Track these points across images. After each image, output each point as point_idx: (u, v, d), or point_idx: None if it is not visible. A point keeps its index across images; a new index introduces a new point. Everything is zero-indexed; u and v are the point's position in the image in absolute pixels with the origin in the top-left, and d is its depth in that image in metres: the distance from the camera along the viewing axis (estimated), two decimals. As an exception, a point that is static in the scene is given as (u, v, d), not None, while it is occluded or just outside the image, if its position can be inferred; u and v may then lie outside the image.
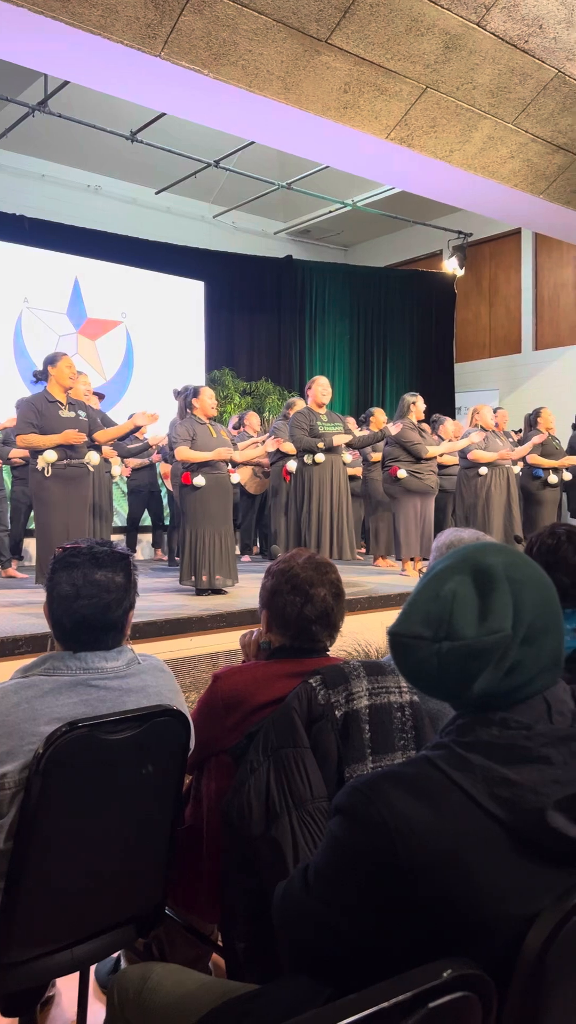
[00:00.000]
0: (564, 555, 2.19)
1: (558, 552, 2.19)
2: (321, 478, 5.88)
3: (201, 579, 5.36)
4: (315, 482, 5.87)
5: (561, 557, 2.19)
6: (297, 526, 5.93)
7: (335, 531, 5.91)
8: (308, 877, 1.01)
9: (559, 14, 5.97)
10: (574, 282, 11.61)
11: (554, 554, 2.19)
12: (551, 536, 2.21)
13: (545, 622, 0.97)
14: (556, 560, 2.20)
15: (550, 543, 2.20)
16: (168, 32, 5.20)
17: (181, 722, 1.62)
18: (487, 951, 0.89)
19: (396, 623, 0.99)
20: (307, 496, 5.86)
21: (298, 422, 5.92)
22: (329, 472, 5.90)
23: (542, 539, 2.22)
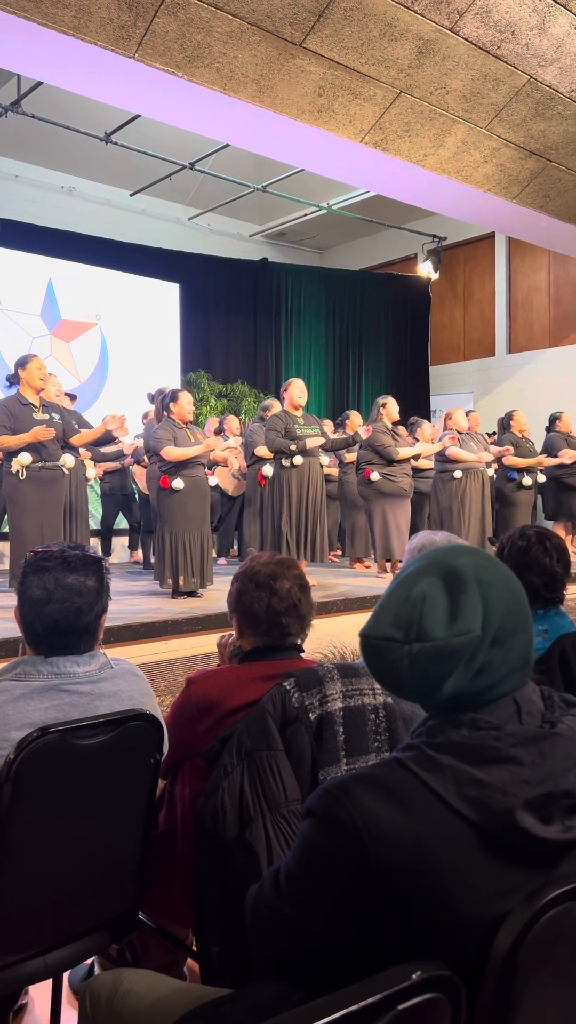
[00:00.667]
0: (535, 556, 2.21)
1: (529, 553, 2.21)
2: (299, 481, 5.89)
3: (178, 582, 5.35)
4: (292, 485, 5.87)
5: (532, 558, 2.22)
6: (275, 528, 5.93)
7: (310, 534, 5.91)
8: (279, 880, 1.01)
9: (531, 21, 6.03)
10: (547, 286, 11.72)
11: (525, 555, 2.21)
12: (521, 538, 2.23)
13: (514, 623, 0.97)
14: (527, 561, 2.22)
15: (521, 544, 2.22)
16: (142, 34, 5.19)
17: (154, 726, 1.61)
18: (458, 952, 0.89)
19: (367, 625, 1.00)
20: (285, 499, 5.86)
21: (273, 425, 5.92)
22: (306, 475, 5.91)
23: (513, 541, 2.24)
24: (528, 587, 2.25)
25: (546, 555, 2.23)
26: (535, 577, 2.24)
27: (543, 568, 2.23)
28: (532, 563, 2.23)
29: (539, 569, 2.23)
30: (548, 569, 2.24)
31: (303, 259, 13.56)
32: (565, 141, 7.31)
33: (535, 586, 2.25)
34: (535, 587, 2.26)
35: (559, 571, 2.26)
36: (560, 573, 2.27)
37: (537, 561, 2.23)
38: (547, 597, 2.29)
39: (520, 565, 2.23)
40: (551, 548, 2.24)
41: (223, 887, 1.60)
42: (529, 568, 2.23)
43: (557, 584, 2.29)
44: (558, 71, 6.56)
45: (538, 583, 2.25)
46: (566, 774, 0.93)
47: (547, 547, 2.24)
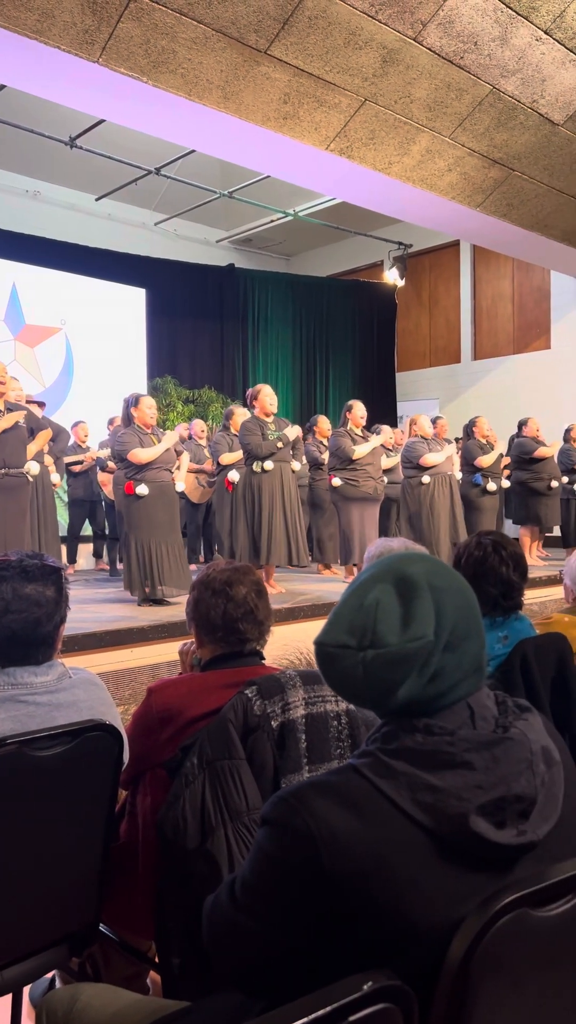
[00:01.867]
0: (492, 565, 2.23)
1: (486, 563, 2.23)
2: (272, 485, 5.88)
3: (144, 589, 5.31)
4: (265, 490, 5.86)
5: (489, 568, 2.24)
6: (250, 534, 5.91)
7: (291, 538, 5.91)
8: (235, 890, 1.00)
9: (493, 32, 6.11)
10: (511, 294, 11.86)
11: (482, 565, 2.23)
12: (478, 547, 2.25)
13: (466, 628, 0.98)
14: (484, 571, 2.24)
15: (478, 555, 2.23)
16: (106, 38, 5.16)
17: (114, 737, 1.59)
18: (414, 959, 0.89)
19: (322, 633, 1.00)
20: (258, 504, 5.85)
21: (250, 430, 5.90)
22: (279, 479, 5.91)
23: (469, 550, 2.26)
24: (486, 597, 2.28)
25: (503, 564, 2.25)
26: (492, 587, 2.26)
27: (500, 578, 2.25)
28: (489, 573, 2.25)
29: (496, 579, 2.25)
30: (505, 578, 2.26)
31: (270, 265, 13.58)
32: (527, 151, 7.41)
33: (493, 596, 2.27)
34: (493, 597, 2.27)
35: (516, 579, 2.28)
36: (517, 581, 2.29)
37: (494, 571, 2.25)
38: (505, 606, 2.31)
39: (477, 575, 2.25)
40: (507, 557, 2.26)
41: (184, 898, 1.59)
42: (486, 578, 2.25)
43: (514, 592, 2.31)
44: (520, 82, 6.65)
45: (495, 593, 2.27)
46: (518, 778, 0.93)
47: (503, 556, 2.26)
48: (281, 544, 5.87)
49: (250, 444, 5.87)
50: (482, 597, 2.27)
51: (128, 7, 5.05)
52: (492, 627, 2.31)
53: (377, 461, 6.67)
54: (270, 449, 5.82)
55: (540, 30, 6.22)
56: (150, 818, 1.75)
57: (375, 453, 6.61)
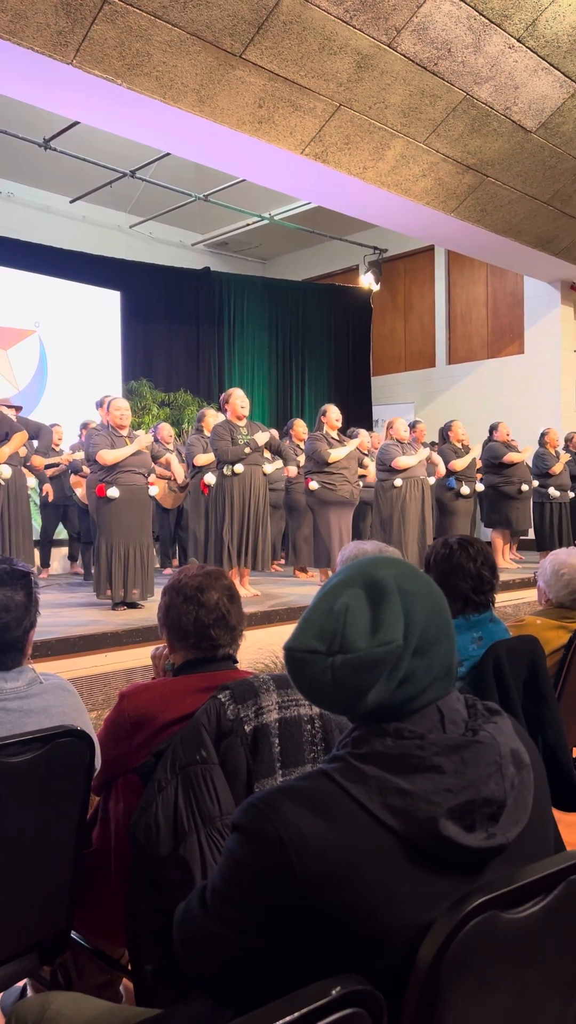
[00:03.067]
0: (459, 562, 2.26)
1: (453, 560, 2.25)
2: (242, 489, 5.87)
3: (117, 593, 5.28)
4: (235, 493, 5.85)
5: (457, 564, 2.26)
6: (218, 537, 5.90)
7: (252, 542, 5.90)
8: (206, 897, 1.00)
9: (466, 39, 6.16)
10: (485, 299, 11.95)
11: (450, 562, 2.25)
12: (444, 547, 2.27)
13: (436, 632, 0.98)
14: (452, 568, 2.26)
15: (444, 552, 2.26)
16: (80, 40, 5.14)
17: (85, 743, 1.58)
18: (385, 962, 0.89)
19: (291, 638, 1.00)
20: (227, 507, 5.84)
21: (220, 434, 5.90)
22: (248, 483, 5.90)
23: (436, 550, 2.29)
24: (458, 592, 2.30)
25: (470, 560, 2.27)
26: (462, 582, 2.28)
27: (469, 572, 2.27)
28: (458, 569, 2.27)
29: (465, 573, 2.27)
30: (474, 573, 2.28)
31: (246, 269, 13.59)
32: (500, 157, 7.48)
33: (464, 591, 2.29)
34: (464, 592, 2.29)
35: (486, 574, 2.30)
36: (487, 576, 2.31)
37: (462, 567, 2.27)
38: (477, 601, 2.32)
39: (447, 572, 2.27)
40: (474, 553, 2.28)
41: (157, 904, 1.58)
42: (455, 574, 2.27)
43: (485, 587, 2.32)
44: (493, 89, 6.71)
45: (466, 587, 2.29)
46: (487, 781, 0.94)
47: (470, 552, 2.28)
48: (245, 548, 5.87)
49: (219, 449, 5.87)
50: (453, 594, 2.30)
51: (102, 9, 5.03)
52: (467, 627, 2.32)
53: (353, 465, 6.68)
54: (238, 454, 5.81)
55: (513, 38, 6.28)
56: (123, 824, 1.73)
57: (350, 457, 6.63)
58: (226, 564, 5.80)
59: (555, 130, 7.34)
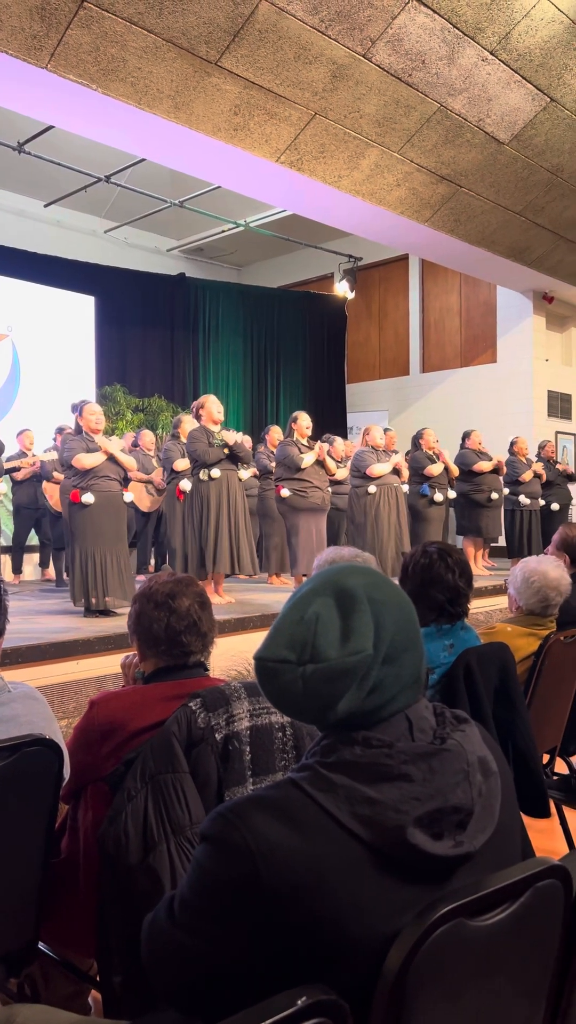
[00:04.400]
0: (438, 572, 2.27)
1: (432, 570, 2.26)
2: (218, 493, 5.86)
3: (91, 600, 5.24)
4: (212, 498, 5.84)
5: (436, 575, 2.27)
6: (197, 543, 5.88)
7: (234, 546, 5.89)
8: (173, 907, 0.99)
9: (440, 51, 6.22)
10: (459, 308, 12.05)
11: (429, 572, 2.26)
12: (424, 555, 2.28)
13: (405, 641, 0.98)
14: (431, 578, 2.27)
15: (424, 562, 2.27)
16: (55, 44, 5.13)
17: (54, 752, 1.56)
18: (352, 971, 0.89)
19: (261, 648, 0.99)
20: (205, 512, 5.83)
21: (196, 437, 5.89)
22: (225, 487, 5.89)
23: (415, 559, 2.29)
24: (433, 603, 2.31)
25: (448, 571, 2.29)
26: (439, 593, 2.29)
27: (447, 584, 2.29)
28: (436, 579, 2.29)
29: (443, 585, 2.29)
30: (451, 585, 2.30)
31: (221, 275, 13.59)
32: (474, 168, 7.55)
33: (440, 602, 2.30)
34: (440, 603, 2.31)
35: (462, 586, 2.32)
36: (463, 588, 2.33)
37: (440, 577, 2.28)
38: (452, 612, 2.34)
39: (425, 582, 2.28)
40: (453, 564, 2.30)
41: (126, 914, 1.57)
42: (433, 584, 2.28)
43: (461, 599, 2.35)
44: (467, 100, 6.78)
45: (443, 599, 2.30)
46: (455, 789, 0.94)
47: (449, 563, 2.29)
48: (226, 552, 5.85)
49: (197, 451, 5.85)
50: (429, 604, 2.32)
51: (77, 14, 5.02)
52: (439, 635, 2.34)
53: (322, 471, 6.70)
54: (217, 456, 5.81)
55: (486, 51, 6.35)
56: (92, 833, 1.72)
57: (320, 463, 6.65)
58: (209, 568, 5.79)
59: (528, 142, 7.43)
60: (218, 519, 5.83)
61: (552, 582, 2.69)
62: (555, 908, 0.98)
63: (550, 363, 11.26)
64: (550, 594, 2.69)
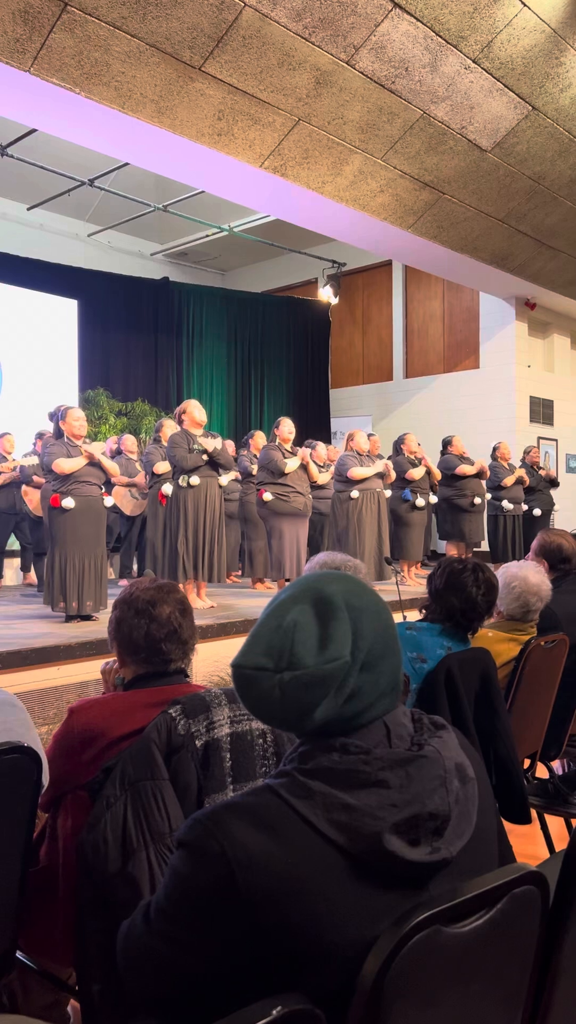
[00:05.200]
0: (464, 581, 2.32)
1: (460, 577, 2.32)
2: (196, 500, 5.85)
3: (71, 605, 5.21)
4: (190, 504, 5.83)
5: (461, 582, 2.32)
6: (173, 549, 5.86)
7: (207, 554, 5.88)
8: (150, 915, 0.99)
9: (423, 59, 6.26)
10: (442, 314, 12.11)
11: (456, 577, 2.32)
12: (460, 562, 2.34)
13: (383, 648, 0.98)
14: (456, 584, 2.32)
15: (457, 567, 2.33)
16: (38, 48, 5.11)
17: (32, 759, 1.55)
18: (329, 979, 0.89)
19: (239, 655, 0.99)
20: (183, 518, 5.81)
21: (176, 442, 5.88)
22: (204, 495, 5.88)
23: (451, 563, 2.35)
24: (450, 608, 2.34)
25: (475, 584, 2.33)
26: (457, 601, 2.32)
27: (467, 595, 2.33)
28: (460, 587, 2.33)
29: (464, 595, 2.33)
30: (471, 597, 2.33)
31: (205, 280, 13.58)
32: (457, 175, 7.60)
33: (455, 609, 2.34)
34: (454, 610, 2.34)
35: (481, 603, 2.35)
36: (481, 605, 2.36)
37: (464, 587, 2.33)
38: (460, 622, 2.36)
39: (448, 586, 2.32)
40: (481, 580, 2.34)
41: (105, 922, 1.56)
42: (456, 591, 2.32)
43: (474, 614, 2.37)
44: (450, 108, 6.82)
45: (458, 607, 2.33)
46: (432, 795, 0.94)
47: (479, 577, 2.34)
48: (201, 560, 5.84)
49: (176, 456, 5.85)
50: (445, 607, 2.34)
51: (60, 18, 5.01)
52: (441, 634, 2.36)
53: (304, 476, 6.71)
54: (196, 462, 5.80)
55: (469, 59, 6.40)
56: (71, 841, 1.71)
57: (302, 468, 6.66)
58: (180, 576, 5.76)
59: (510, 150, 7.48)
60: (195, 527, 5.82)
61: (532, 588, 2.70)
62: (532, 914, 0.98)
63: (532, 369, 11.34)
64: (531, 600, 2.71)
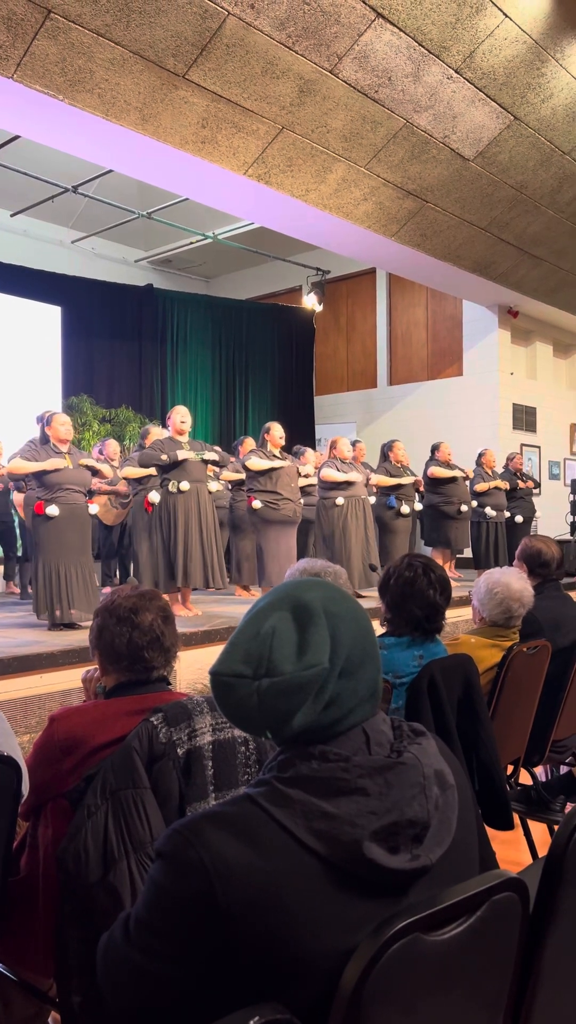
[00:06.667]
0: (420, 588, 2.29)
1: (415, 585, 2.29)
2: (187, 506, 5.84)
3: (55, 613, 5.18)
4: (180, 511, 5.82)
5: (418, 590, 2.30)
6: (166, 556, 5.85)
7: (206, 559, 5.86)
8: (129, 926, 0.98)
9: (406, 68, 6.30)
10: (425, 321, 12.17)
11: (411, 586, 2.29)
12: (408, 568, 2.31)
13: (361, 655, 0.98)
14: (412, 592, 2.29)
15: (408, 576, 2.29)
16: (21, 55, 5.11)
17: (11, 768, 1.54)
18: (309, 988, 0.88)
19: (217, 663, 0.99)
20: (173, 525, 5.80)
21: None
22: (195, 500, 5.88)
23: (400, 571, 2.31)
24: (411, 617, 2.33)
25: (430, 587, 2.32)
26: (418, 608, 2.32)
27: (427, 600, 2.32)
28: (417, 595, 2.31)
29: (423, 601, 2.32)
30: (431, 601, 2.32)
31: (189, 287, 13.59)
32: (439, 184, 7.65)
33: (417, 617, 2.33)
34: (417, 618, 2.33)
35: (440, 603, 2.34)
36: (441, 605, 2.35)
37: (422, 593, 2.31)
38: (426, 628, 2.36)
39: (405, 596, 2.30)
40: (435, 580, 2.33)
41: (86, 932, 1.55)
42: (414, 599, 2.31)
43: (437, 616, 2.37)
44: (432, 117, 6.87)
45: (420, 615, 2.33)
46: (411, 803, 0.94)
47: (431, 579, 2.32)
48: (198, 566, 5.82)
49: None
50: (406, 617, 2.33)
51: (44, 25, 5.01)
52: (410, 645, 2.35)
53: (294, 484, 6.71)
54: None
55: (451, 69, 6.45)
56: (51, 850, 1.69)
57: (289, 475, 6.65)
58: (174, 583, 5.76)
59: (492, 159, 7.54)
60: (187, 532, 5.81)
61: (515, 593, 2.71)
62: (512, 921, 0.99)
63: (515, 377, 11.41)
64: (513, 605, 2.72)
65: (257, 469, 6.48)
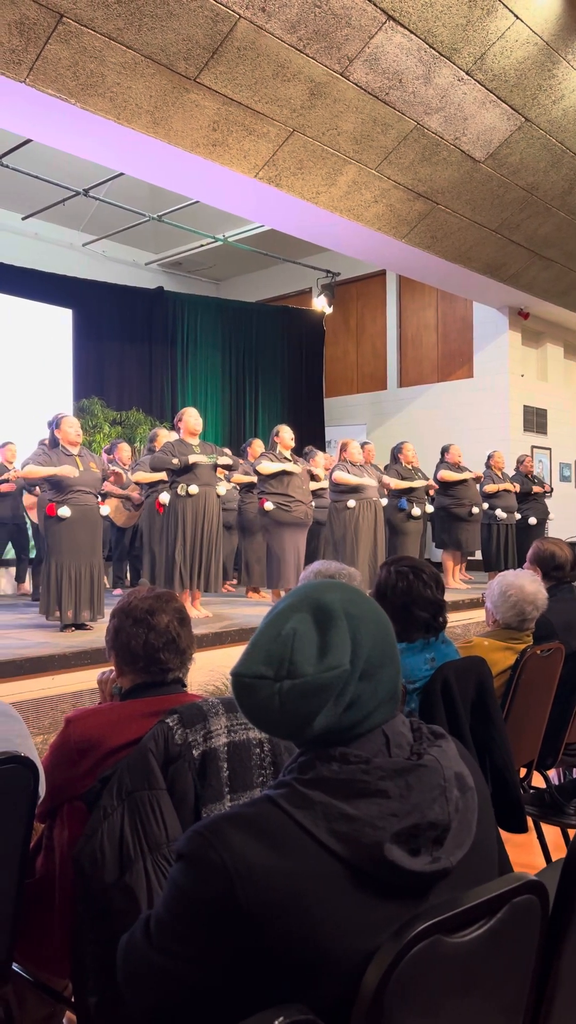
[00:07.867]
0: (419, 591, 2.29)
1: (413, 590, 2.28)
2: (195, 510, 5.85)
3: (66, 614, 5.20)
4: (188, 514, 5.83)
5: (417, 594, 2.29)
6: (170, 558, 5.86)
7: (204, 564, 5.87)
8: (149, 927, 0.98)
9: (417, 71, 6.30)
10: (435, 323, 12.15)
11: (410, 593, 2.28)
12: (400, 577, 2.30)
13: (381, 656, 0.99)
14: (413, 598, 2.29)
15: (402, 585, 2.29)
16: (33, 59, 5.13)
17: (29, 769, 1.55)
18: (330, 990, 0.89)
19: (239, 664, 0.99)
20: (179, 528, 5.81)
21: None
22: (202, 504, 5.88)
23: (392, 582, 2.31)
24: (418, 621, 2.33)
25: (426, 587, 2.31)
26: (422, 611, 2.31)
27: (428, 600, 2.32)
28: (418, 598, 2.31)
29: (425, 602, 2.31)
30: (432, 599, 2.32)
31: (199, 289, 13.61)
32: (450, 186, 7.64)
33: (424, 619, 2.33)
34: (424, 620, 2.33)
35: (440, 598, 2.34)
36: (441, 600, 2.35)
37: (421, 595, 2.31)
38: (436, 626, 2.36)
39: (407, 603, 2.30)
40: (428, 579, 2.32)
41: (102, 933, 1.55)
42: (416, 604, 2.30)
43: (442, 611, 2.37)
44: (443, 119, 6.86)
45: (427, 616, 2.33)
46: (432, 805, 0.94)
47: (425, 579, 2.32)
48: (196, 570, 5.84)
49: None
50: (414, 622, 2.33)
51: (56, 30, 5.03)
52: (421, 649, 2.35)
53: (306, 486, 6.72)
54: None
55: (462, 71, 6.44)
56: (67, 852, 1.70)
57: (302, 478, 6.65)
58: (177, 586, 5.76)
59: (503, 161, 7.53)
60: (193, 537, 5.82)
61: (529, 596, 2.71)
62: (532, 924, 0.98)
63: (526, 378, 11.38)
64: (527, 608, 2.71)
65: (268, 473, 6.49)
